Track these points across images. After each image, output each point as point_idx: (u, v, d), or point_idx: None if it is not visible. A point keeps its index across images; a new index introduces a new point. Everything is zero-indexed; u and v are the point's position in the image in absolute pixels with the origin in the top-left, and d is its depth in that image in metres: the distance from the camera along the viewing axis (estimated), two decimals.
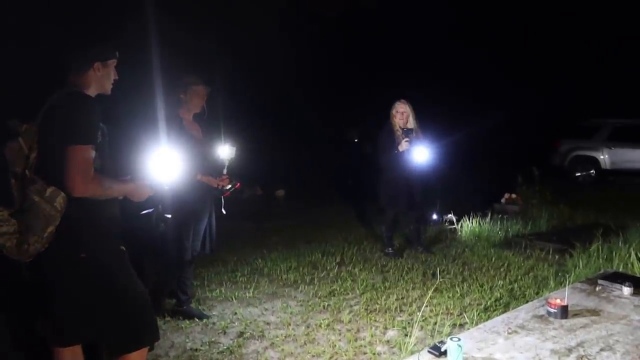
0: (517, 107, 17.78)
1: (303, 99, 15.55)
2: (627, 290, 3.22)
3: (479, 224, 6.74)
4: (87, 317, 2.30)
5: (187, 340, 3.52)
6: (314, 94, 16.04)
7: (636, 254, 4.55)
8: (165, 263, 3.79)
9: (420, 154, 5.36)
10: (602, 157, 12.30)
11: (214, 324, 3.81)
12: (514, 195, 8.31)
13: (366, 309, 4.10)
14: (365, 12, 20.32)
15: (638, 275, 4.03)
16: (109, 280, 2.27)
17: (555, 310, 2.85)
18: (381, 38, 19.40)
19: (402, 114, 5.44)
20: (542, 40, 18.61)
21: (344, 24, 19.52)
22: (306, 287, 4.68)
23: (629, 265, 4.52)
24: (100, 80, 2.35)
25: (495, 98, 18.16)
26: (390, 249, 5.73)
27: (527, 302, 3.57)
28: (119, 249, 2.35)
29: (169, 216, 2.70)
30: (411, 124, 5.45)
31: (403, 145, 5.31)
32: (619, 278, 3.44)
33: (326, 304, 4.23)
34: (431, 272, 5.06)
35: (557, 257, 5.46)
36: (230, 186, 3.79)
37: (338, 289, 4.61)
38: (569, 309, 2.89)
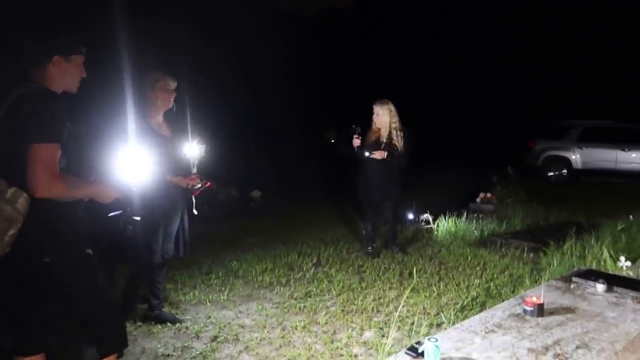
0: (492, 107, 18.05)
1: (279, 98, 15.50)
2: (600, 287, 3.25)
3: (455, 223, 6.78)
4: (50, 325, 2.20)
5: (159, 346, 3.42)
6: (291, 94, 16.00)
7: (608, 251, 4.60)
8: (135, 267, 3.68)
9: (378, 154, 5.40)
10: (573, 157, 12.56)
11: (187, 328, 3.71)
12: (489, 195, 8.39)
13: (343, 310, 4.06)
14: (342, 14, 20.41)
15: (611, 272, 4.08)
16: (74, 285, 2.18)
17: (532, 309, 2.85)
18: (359, 40, 19.51)
19: (375, 114, 5.50)
20: (518, 41, 18.90)
21: (322, 26, 19.56)
22: (282, 288, 4.62)
23: (602, 262, 4.57)
24: (63, 75, 2.24)
25: (470, 98, 18.40)
26: (369, 248, 5.72)
27: (504, 300, 3.57)
28: (85, 253, 2.26)
29: (138, 218, 2.62)
30: (380, 124, 5.48)
31: (354, 142, 5.40)
32: (592, 275, 3.48)
33: (302, 305, 4.17)
34: (408, 272, 5.04)
35: (531, 255, 5.51)
36: (200, 185, 3.70)
37: (314, 290, 4.56)
38: (545, 307, 2.89)
